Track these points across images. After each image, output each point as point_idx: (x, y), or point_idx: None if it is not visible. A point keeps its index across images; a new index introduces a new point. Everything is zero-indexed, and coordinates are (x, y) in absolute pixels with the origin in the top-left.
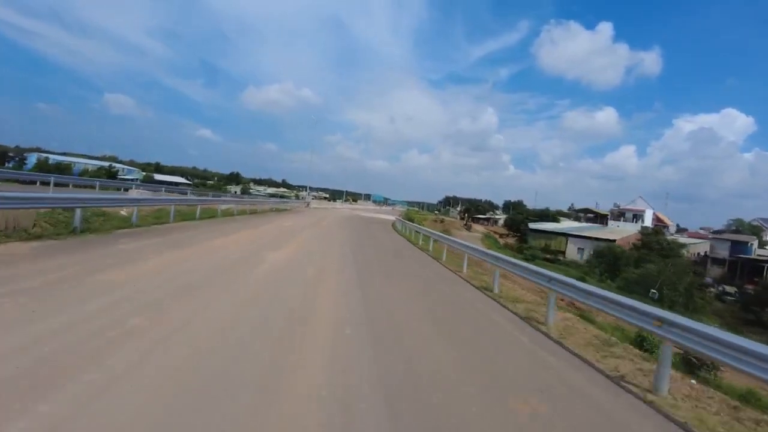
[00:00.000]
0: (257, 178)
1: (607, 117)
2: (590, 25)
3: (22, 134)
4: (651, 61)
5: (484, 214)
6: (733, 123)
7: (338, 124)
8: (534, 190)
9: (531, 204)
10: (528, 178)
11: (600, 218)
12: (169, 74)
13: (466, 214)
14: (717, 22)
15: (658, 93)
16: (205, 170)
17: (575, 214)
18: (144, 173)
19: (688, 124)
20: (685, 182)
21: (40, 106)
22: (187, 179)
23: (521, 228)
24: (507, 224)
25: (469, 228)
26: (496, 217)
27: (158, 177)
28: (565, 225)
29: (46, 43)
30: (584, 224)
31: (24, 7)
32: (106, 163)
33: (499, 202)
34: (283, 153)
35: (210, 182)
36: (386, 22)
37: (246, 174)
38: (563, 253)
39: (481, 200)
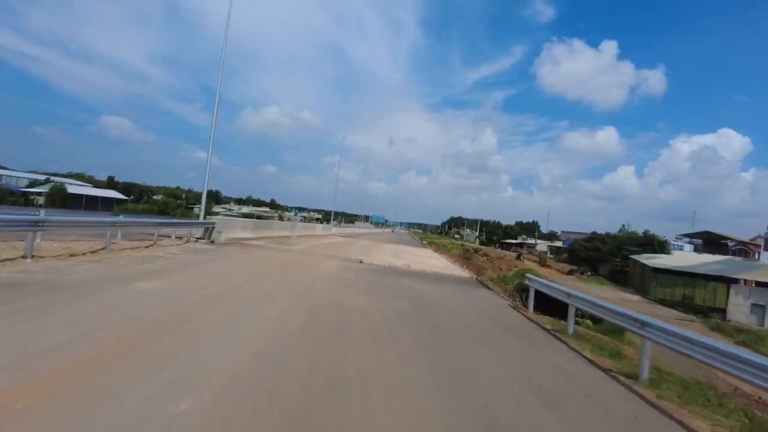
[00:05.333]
0: (241, 197)
1: (607, 137)
2: (593, 43)
3: (26, 157)
4: (656, 79)
5: (515, 239)
6: (730, 143)
7: (336, 147)
8: (531, 210)
9: (541, 226)
10: (527, 199)
11: (723, 245)
12: (168, 98)
13: (519, 250)
14: (720, 40)
15: (661, 112)
16: (189, 190)
17: (691, 241)
18: (53, 184)
19: (686, 144)
20: (686, 202)
21: (38, 129)
22: (132, 196)
23: (596, 262)
24: (574, 255)
25: (520, 258)
26: (531, 241)
27: (73, 190)
28: (679, 259)
29: (48, 68)
30: (715, 257)
31: (26, 33)
32: (42, 177)
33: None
34: (281, 175)
35: (178, 201)
36: (384, 48)
37: (236, 195)
38: (722, 311)
39: (489, 221)
